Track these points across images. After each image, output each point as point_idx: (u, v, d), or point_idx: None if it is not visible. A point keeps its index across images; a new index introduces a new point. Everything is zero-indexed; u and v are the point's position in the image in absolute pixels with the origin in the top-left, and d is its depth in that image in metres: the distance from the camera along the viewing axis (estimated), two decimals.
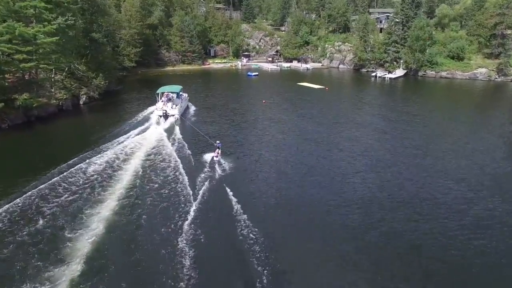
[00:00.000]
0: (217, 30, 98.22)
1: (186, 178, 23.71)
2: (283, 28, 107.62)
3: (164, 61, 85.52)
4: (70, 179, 23.10)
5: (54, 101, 39.17)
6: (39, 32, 34.11)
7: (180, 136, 32.59)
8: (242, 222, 18.83)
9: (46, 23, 35.37)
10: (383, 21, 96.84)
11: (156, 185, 22.91)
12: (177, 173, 24.50)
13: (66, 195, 21.17)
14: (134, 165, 25.65)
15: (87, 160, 25.88)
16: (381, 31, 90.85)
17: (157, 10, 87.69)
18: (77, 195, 21.30)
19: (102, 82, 46.36)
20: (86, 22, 45.79)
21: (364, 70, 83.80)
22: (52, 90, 40.36)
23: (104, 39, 48.92)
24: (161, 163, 26.27)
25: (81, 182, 22.90)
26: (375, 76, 74.24)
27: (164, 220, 19.02)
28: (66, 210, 19.64)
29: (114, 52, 71.93)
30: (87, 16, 46.81)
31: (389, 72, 77.05)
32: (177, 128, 34.92)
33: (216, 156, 26.86)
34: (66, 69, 43.97)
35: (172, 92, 40.28)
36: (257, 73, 73.76)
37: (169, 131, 33.92)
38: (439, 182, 24.42)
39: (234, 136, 33.91)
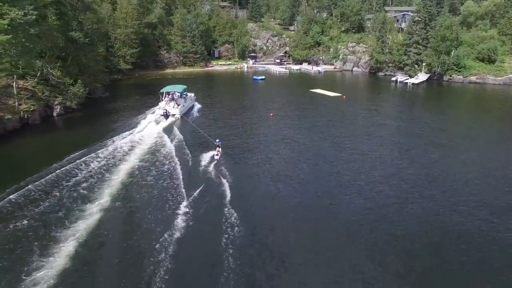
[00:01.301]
0: (221, 30, 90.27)
1: (181, 175, 22.98)
2: (292, 28, 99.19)
3: (164, 62, 77.80)
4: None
5: (14, 116, 31.57)
6: None
7: (180, 135, 31.45)
8: (232, 220, 18.18)
9: None
10: (400, 20, 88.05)
11: (151, 182, 22.31)
12: (172, 171, 23.79)
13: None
14: (129, 163, 24.74)
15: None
16: (398, 31, 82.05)
17: (157, 8, 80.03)
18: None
19: (81, 90, 38.60)
20: (62, 18, 37.96)
21: (381, 73, 75.18)
22: (15, 100, 32.77)
23: (86, 39, 41.15)
24: (158, 161, 25.54)
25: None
26: (396, 81, 65.49)
27: (157, 212, 18.84)
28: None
29: (108, 53, 65.36)
30: (66, 12, 38.96)
31: (410, 76, 68.32)
32: (177, 127, 33.81)
33: (217, 155, 26.30)
34: (38, 74, 36.58)
35: (175, 92, 39.38)
36: (263, 77, 65.58)
37: (168, 130, 32.78)
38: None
39: (235, 162, 26.14)
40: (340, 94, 50.30)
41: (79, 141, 28.96)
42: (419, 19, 69.80)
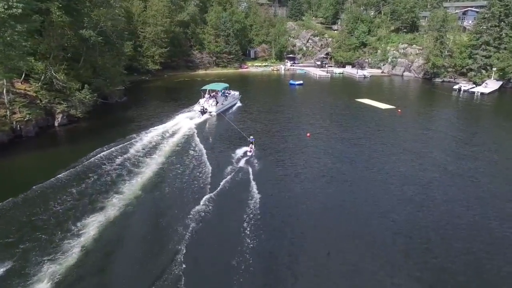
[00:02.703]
0: (258, 29, 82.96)
1: (210, 168, 22.76)
2: (335, 27, 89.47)
3: (196, 63, 71.81)
4: None
5: (3, 127, 26.26)
6: None
7: (215, 131, 32.14)
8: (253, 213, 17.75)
9: None
10: (461, 18, 75.48)
11: (179, 173, 22.39)
12: (201, 164, 23.71)
13: None
14: (158, 156, 24.93)
15: None
16: (460, 31, 69.78)
17: (190, 5, 74.25)
18: None
19: (87, 96, 32.85)
20: (69, 14, 32.30)
21: (438, 79, 63.92)
22: (6, 109, 27.48)
23: (99, 38, 35.47)
24: (187, 155, 25.53)
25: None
26: (459, 89, 54.34)
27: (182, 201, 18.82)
28: None
29: (137, 53, 60.45)
30: (74, 7, 33.29)
31: (476, 83, 56.81)
32: (212, 124, 34.34)
33: (250, 151, 25.67)
34: (42, 77, 31.31)
35: (215, 90, 39.38)
36: (301, 82, 57.28)
37: (202, 126, 33.08)
38: None
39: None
40: (394, 107, 40.76)
41: (68, 160, 23.13)
42: (491, 14, 57.58)
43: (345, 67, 77.25)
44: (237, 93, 43.83)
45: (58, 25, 31.24)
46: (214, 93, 39.36)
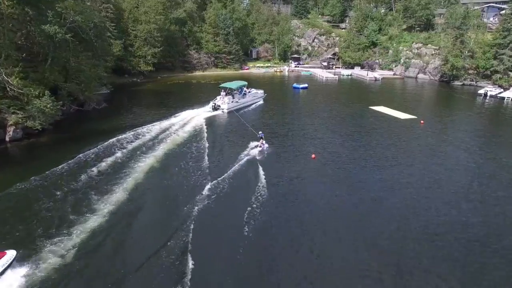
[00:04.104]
0: (261, 27, 76.60)
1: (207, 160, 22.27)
2: (343, 25, 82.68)
3: (193, 64, 65.73)
4: None
5: None
6: None
7: (222, 126, 31.57)
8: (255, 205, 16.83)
9: None
10: (482, 15, 68.31)
11: (181, 165, 21.65)
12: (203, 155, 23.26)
13: None
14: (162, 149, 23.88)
15: None
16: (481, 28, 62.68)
17: (188, 2, 68.13)
18: None
19: (48, 105, 26.81)
20: (21, 5, 26.22)
21: (457, 83, 57.15)
22: None
23: (67, 35, 29.51)
24: (193, 148, 24.80)
25: None
26: (484, 94, 47.49)
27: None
28: None
29: (127, 53, 54.63)
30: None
31: (503, 88, 49.91)
32: (222, 120, 33.74)
33: (260, 147, 24.56)
34: None
35: (231, 88, 38.91)
36: (306, 85, 50.85)
37: (211, 121, 32.42)
38: None
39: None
40: (415, 117, 34.16)
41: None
42: None
43: (353, 68, 70.66)
44: (260, 91, 42.90)
45: (9, 17, 25.27)
46: (234, 90, 38.98)
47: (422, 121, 32.53)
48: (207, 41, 66.20)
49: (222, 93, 38.30)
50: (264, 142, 24.95)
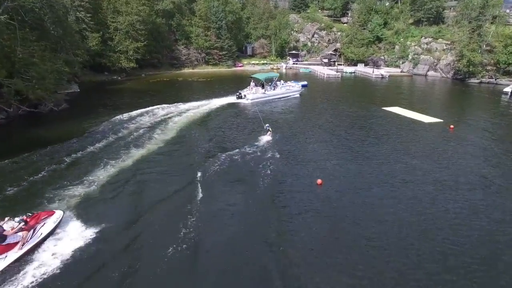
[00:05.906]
0: (257, 21, 70.02)
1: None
2: (345, 20, 76.09)
3: (181, 60, 58.97)
4: None
5: None
6: None
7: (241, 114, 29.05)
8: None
9: None
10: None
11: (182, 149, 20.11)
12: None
13: None
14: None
15: None
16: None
17: None
18: None
19: None
20: None
21: (474, 80, 50.72)
22: None
23: (5, 16, 22.97)
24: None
25: None
26: (510, 93, 41.07)
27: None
28: None
29: (107, 48, 48.09)
30: None
31: None
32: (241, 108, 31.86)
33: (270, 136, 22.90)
34: None
35: (260, 79, 37.58)
36: (305, 83, 44.12)
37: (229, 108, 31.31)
38: None
39: None
40: (441, 120, 27.46)
41: None
42: None
43: (356, 65, 64.13)
44: (299, 84, 40.35)
45: None
46: (263, 81, 37.77)
47: (451, 126, 25.80)
48: (197, 36, 59.49)
49: (252, 83, 37.60)
50: (271, 134, 23.06)
